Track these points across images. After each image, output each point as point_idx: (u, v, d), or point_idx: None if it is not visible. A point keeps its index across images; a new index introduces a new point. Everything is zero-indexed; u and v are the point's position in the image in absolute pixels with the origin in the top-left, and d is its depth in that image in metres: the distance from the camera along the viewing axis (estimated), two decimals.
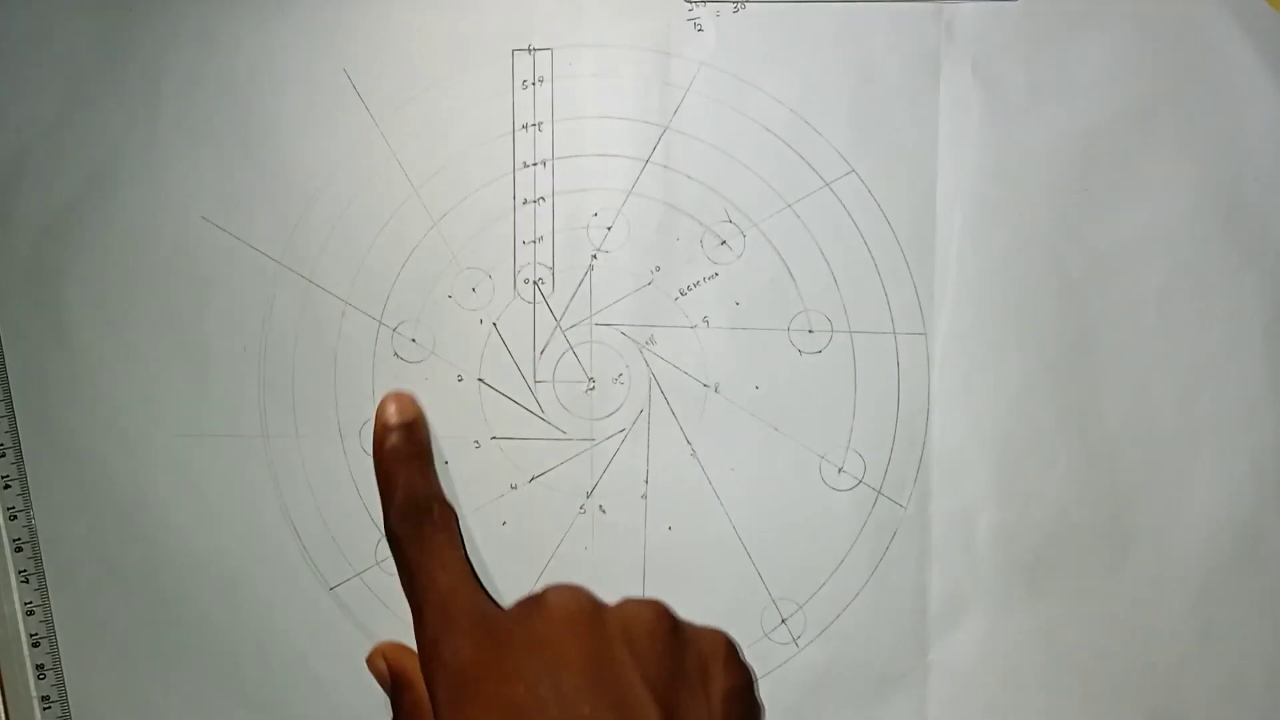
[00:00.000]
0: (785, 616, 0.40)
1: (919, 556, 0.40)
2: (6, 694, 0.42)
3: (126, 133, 0.41)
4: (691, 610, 0.41)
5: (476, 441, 0.41)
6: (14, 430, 0.42)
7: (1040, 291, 0.40)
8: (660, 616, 0.30)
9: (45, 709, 0.42)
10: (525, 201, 0.40)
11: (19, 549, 0.42)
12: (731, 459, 0.40)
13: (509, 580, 0.41)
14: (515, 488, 0.41)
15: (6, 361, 0.42)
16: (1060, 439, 0.40)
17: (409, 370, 0.41)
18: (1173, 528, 0.40)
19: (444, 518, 0.33)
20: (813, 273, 0.40)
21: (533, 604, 0.30)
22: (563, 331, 0.40)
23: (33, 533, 0.42)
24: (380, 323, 0.41)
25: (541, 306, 0.41)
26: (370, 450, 0.41)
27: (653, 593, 0.41)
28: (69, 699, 0.42)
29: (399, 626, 0.41)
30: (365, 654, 0.41)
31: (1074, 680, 0.40)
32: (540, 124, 0.40)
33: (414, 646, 0.31)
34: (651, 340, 0.40)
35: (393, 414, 0.34)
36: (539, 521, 0.41)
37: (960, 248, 0.40)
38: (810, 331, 0.40)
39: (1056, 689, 0.40)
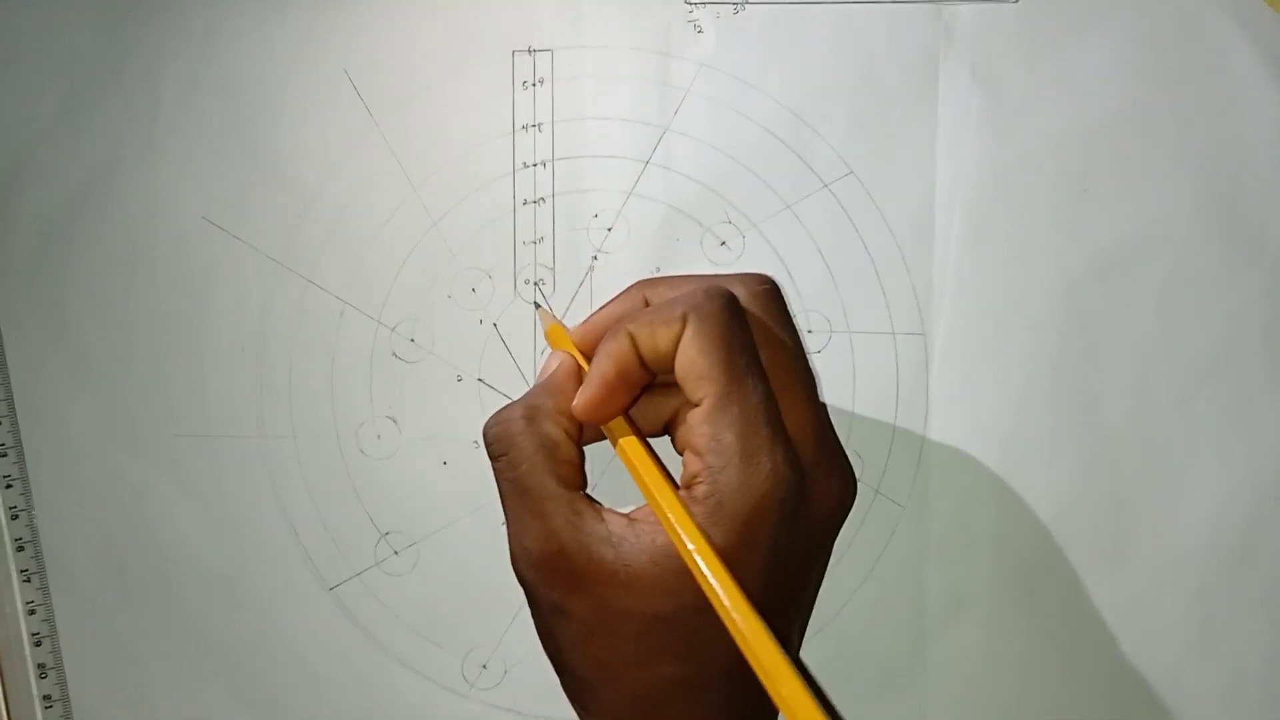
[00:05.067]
0: None
1: (917, 555, 0.40)
2: (8, 693, 0.42)
3: (126, 133, 0.41)
4: None
5: (476, 442, 0.41)
6: (15, 430, 0.42)
7: (1040, 291, 0.40)
8: None
9: (47, 708, 0.42)
10: (525, 202, 0.40)
11: (20, 548, 0.42)
12: None
13: (508, 581, 0.41)
14: None
15: (7, 361, 0.42)
16: (1060, 439, 0.40)
17: (407, 370, 0.41)
18: (1172, 528, 0.40)
19: None
20: (812, 273, 0.40)
21: None
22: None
23: (34, 532, 0.42)
24: (379, 323, 0.41)
25: (543, 306, 0.41)
26: (367, 451, 0.41)
27: None
28: (70, 698, 0.42)
29: (398, 626, 0.41)
30: (364, 653, 0.41)
31: (1073, 680, 0.40)
32: (540, 125, 0.40)
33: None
34: None
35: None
36: None
37: (960, 248, 0.40)
38: (810, 331, 0.40)
39: (1055, 688, 0.40)
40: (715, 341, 0.30)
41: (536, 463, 0.31)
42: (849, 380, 0.40)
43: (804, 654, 0.40)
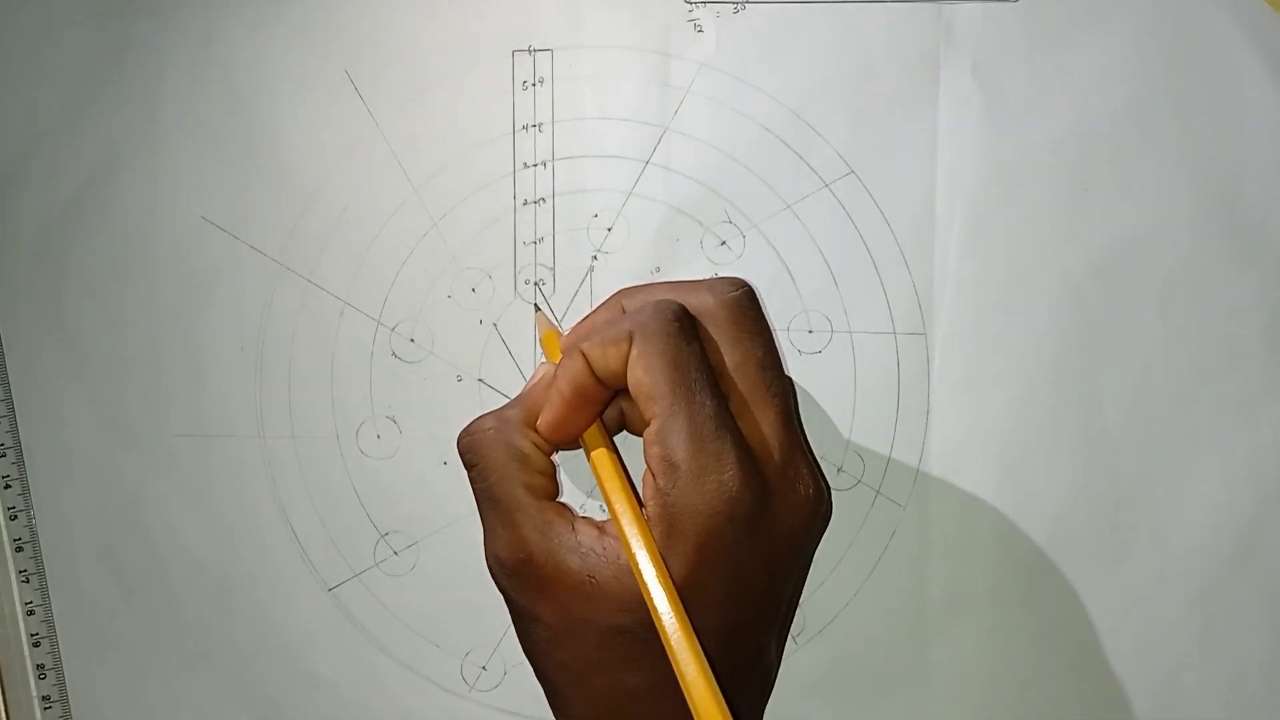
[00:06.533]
0: None
1: (918, 556, 0.40)
2: (7, 694, 0.42)
3: (126, 133, 0.41)
4: None
5: None
6: (14, 430, 0.42)
7: (1040, 291, 0.40)
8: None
9: (46, 709, 0.42)
10: (526, 202, 0.40)
11: (19, 549, 0.42)
12: None
13: None
14: None
15: (7, 361, 0.42)
16: (1060, 439, 0.40)
17: (407, 370, 0.41)
18: (1173, 528, 0.40)
19: None
20: (812, 273, 0.40)
21: None
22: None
23: (33, 533, 0.42)
24: (379, 323, 0.41)
25: (543, 307, 0.41)
26: (367, 451, 0.41)
27: None
28: (69, 699, 0.42)
29: (397, 627, 0.41)
30: (364, 654, 0.41)
31: (1073, 680, 0.40)
32: (540, 125, 0.40)
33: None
34: None
35: None
36: None
37: (960, 248, 0.40)
38: (810, 331, 0.40)
39: (1055, 689, 0.40)
40: (659, 359, 0.30)
41: (506, 474, 0.32)
42: (849, 380, 0.40)
43: (804, 655, 0.40)
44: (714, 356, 0.31)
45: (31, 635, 0.42)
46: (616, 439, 0.35)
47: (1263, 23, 0.39)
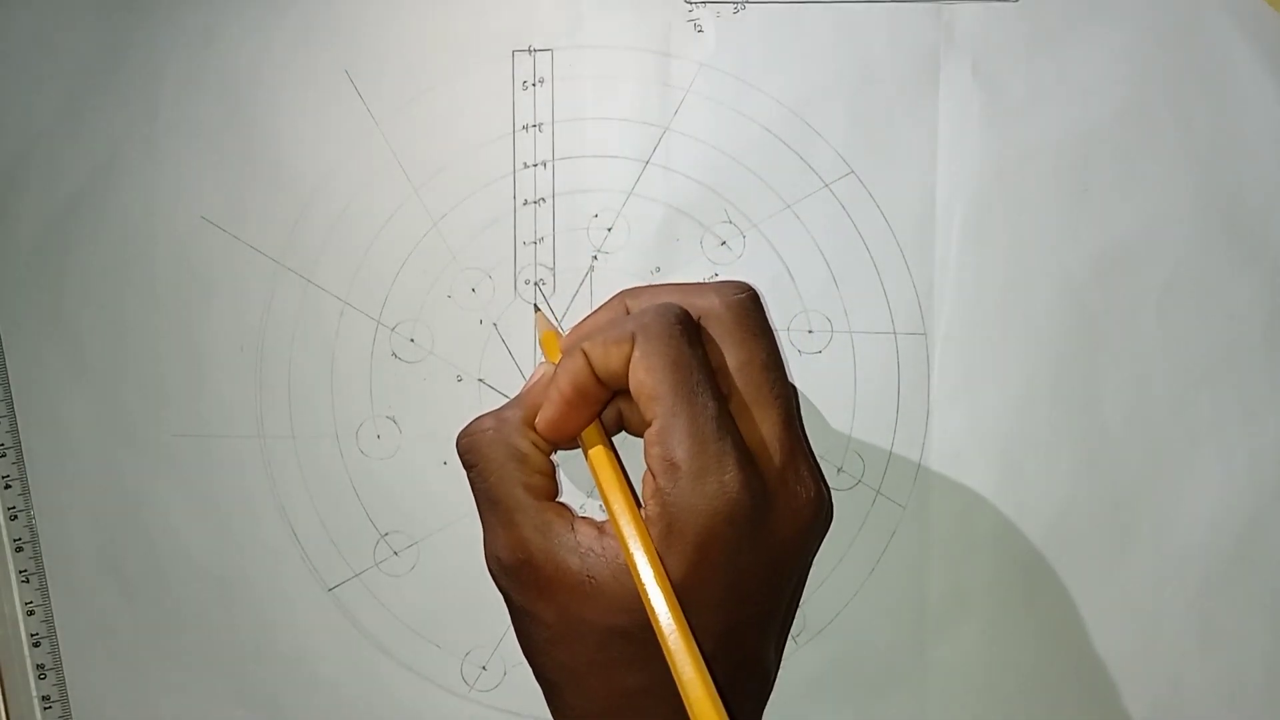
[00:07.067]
0: None
1: (918, 556, 0.40)
2: (7, 694, 0.42)
3: (126, 133, 0.41)
4: None
5: None
6: (14, 430, 0.42)
7: (1040, 291, 0.40)
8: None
9: (46, 709, 0.42)
10: (526, 202, 0.40)
11: (19, 549, 0.42)
12: None
13: None
14: None
15: (7, 361, 0.42)
16: (1060, 439, 0.40)
17: (407, 370, 0.41)
18: (1173, 527, 0.40)
19: None
20: (812, 273, 0.40)
21: None
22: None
23: (33, 533, 0.42)
24: (379, 323, 0.41)
25: (542, 307, 0.41)
26: (367, 451, 0.41)
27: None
28: (69, 699, 0.42)
29: (397, 627, 0.41)
30: (364, 654, 0.41)
31: (1073, 680, 0.40)
32: (540, 125, 0.40)
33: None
34: None
35: None
36: None
37: (960, 248, 0.40)
38: (810, 331, 0.40)
39: (1056, 688, 0.40)
40: (661, 360, 0.30)
41: (505, 474, 0.32)
42: (849, 380, 0.40)
43: (804, 654, 0.40)
44: (716, 359, 0.31)
45: (31, 635, 0.42)
46: (616, 439, 0.35)
47: (1263, 23, 0.39)
